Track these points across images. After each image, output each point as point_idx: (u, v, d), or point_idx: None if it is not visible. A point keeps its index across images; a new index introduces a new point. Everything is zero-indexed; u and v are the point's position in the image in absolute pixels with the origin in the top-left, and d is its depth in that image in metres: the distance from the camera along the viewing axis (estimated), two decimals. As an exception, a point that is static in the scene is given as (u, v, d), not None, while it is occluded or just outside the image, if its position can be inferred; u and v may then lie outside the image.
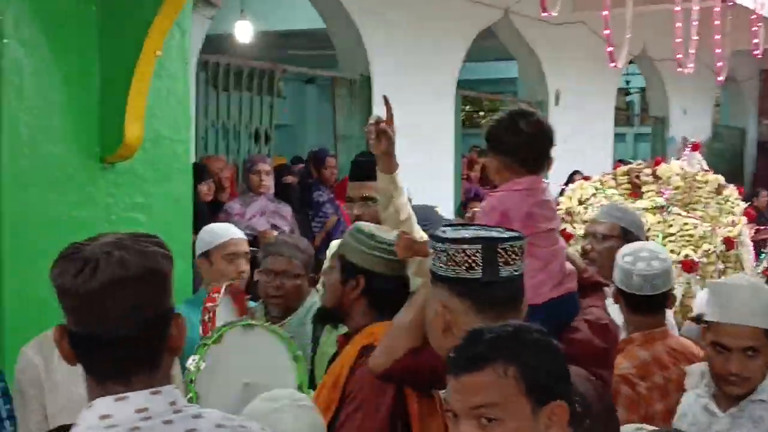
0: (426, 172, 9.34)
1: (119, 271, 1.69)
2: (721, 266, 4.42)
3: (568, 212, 4.87)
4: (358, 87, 9.37)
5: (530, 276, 2.35)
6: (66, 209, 4.22)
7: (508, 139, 2.70)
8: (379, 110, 9.74)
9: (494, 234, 2.23)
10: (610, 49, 8.52)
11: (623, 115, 19.71)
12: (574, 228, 4.74)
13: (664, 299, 3.46)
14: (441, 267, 2.20)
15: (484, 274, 2.15)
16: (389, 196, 3.33)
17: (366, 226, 3.06)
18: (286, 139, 16.01)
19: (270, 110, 8.51)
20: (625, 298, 3.44)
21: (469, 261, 2.15)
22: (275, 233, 6.67)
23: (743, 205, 4.85)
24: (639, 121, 21.42)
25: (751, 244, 4.75)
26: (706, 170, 4.92)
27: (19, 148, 4.04)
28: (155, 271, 1.73)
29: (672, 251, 4.38)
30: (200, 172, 6.69)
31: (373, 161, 3.79)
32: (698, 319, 3.52)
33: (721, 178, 4.96)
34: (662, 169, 5.02)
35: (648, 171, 5.03)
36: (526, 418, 1.78)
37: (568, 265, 2.69)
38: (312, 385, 3.20)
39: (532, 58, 12.17)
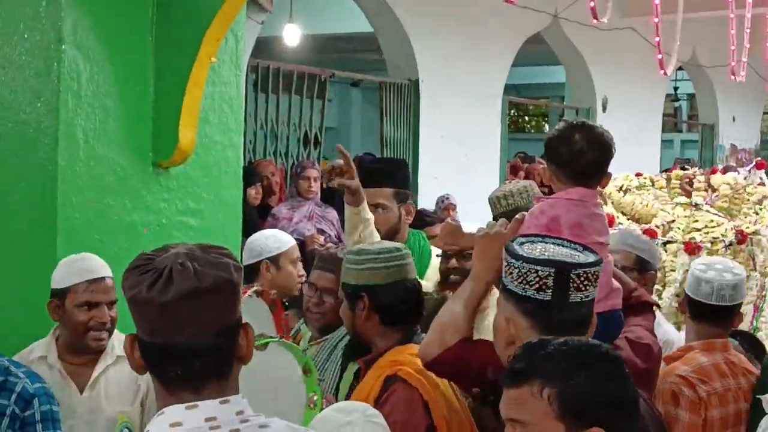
0: (472, 176, 9.34)
1: (194, 282, 1.71)
2: (729, 257, 4.35)
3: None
4: (406, 91, 9.38)
5: None
6: (119, 213, 4.27)
7: (561, 149, 2.69)
8: (426, 115, 9.79)
9: (571, 256, 2.22)
10: (659, 56, 8.45)
11: (671, 121, 19.53)
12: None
13: (731, 313, 3.44)
14: (512, 282, 2.19)
15: (554, 298, 2.14)
16: (354, 227, 3.50)
17: (353, 247, 3.12)
18: (332, 142, 16.05)
19: (319, 114, 8.54)
20: (691, 305, 3.43)
21: (540, 282, 2.14)
22: (322, 238, 6.69)
23: None
24: (687, 128, 21.22)
25: None
26: (762, 184, 4.87)
27: (76, 151, 4.09)
28: (228, 282, 1.75)
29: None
30: (249, 175, 6.71)
31: (382, 168, 3.82)
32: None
33: (766, 193, 4.90)
34: (715, 178, 5.01)
35: (702, 178, 5.02)
36: None
37: (615, 282, 2.67)
38: None
39: (580, 64, 12.12)
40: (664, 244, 4.49)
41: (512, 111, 23.98)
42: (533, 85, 20.54)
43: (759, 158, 5.00)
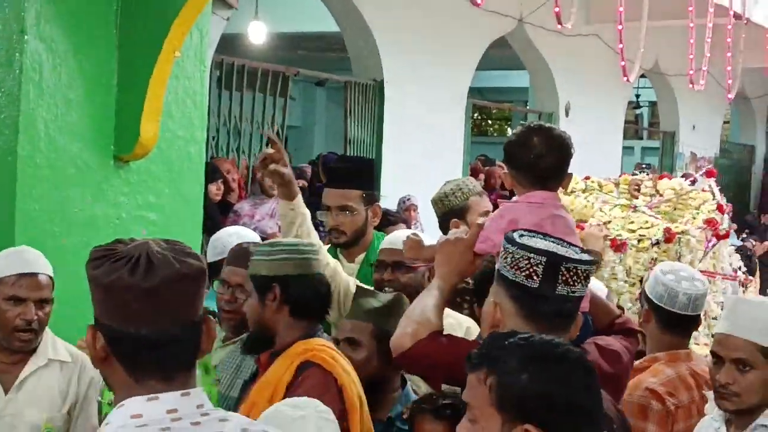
0: (435, 177, 9.33)
1: (177, 268, 1.71)
2: (654, 254, 4.38)
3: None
4: (371, 91, 9.39)
5: None
6: (79, 206, 4.24)
7: (520, 154, 2.71)
8: (391, 115, 9.80)
9: (566, 252, 2.27)
10: (623, 63, 8.54)
11: (632, 128, 19.72)
12: None
13: (697, 320, 3.48)
14: (504, 267, 2.26)
15: (540, 286, 2.20)
16: (291, 222, 3.44)
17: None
18: (295, 141, 16.04)
19: (282, 112, 8.53)
20: (660, 315, 3.43)
21: (531, 269, 2.21)
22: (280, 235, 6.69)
23: (712, 210, 4.79)
24: (648, 135, 21.44)
25: (707, 245, 4.64)
26: (719, 202, 4.86)
27: (36, 142, 4.06)
28: (203, 272, 1.76)
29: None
30: (211, 172, 6.70)
31: (350, 167, 3.76)
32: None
33: (710, 197, 4.88)
34: (662, 183, 5.04)
35: (650, 183, 5.06)
36: (495, 431, 1.76)
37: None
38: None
39: (544, 69, 12.20)
40: None
41: (476, 114, 24.07)
42: (497, 89, 20.63)
43: (710, 166, 5.04)
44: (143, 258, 1.71)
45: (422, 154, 9.84)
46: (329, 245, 3.79)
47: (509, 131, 25.51)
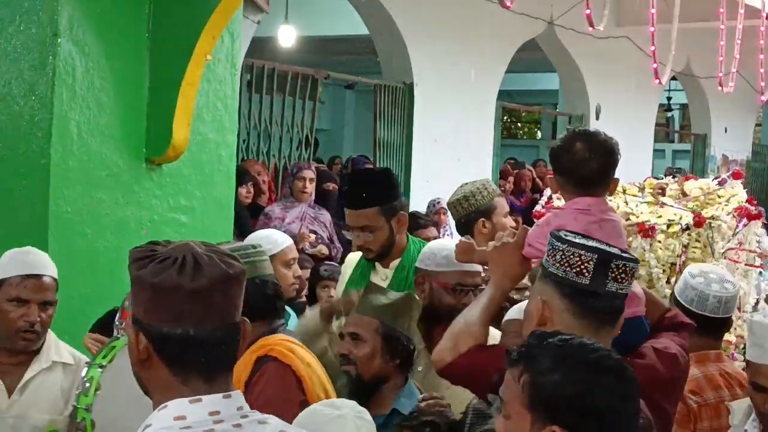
0: (464, 179, 9.32)
1: (224, 269, 1.73)
2: (685, 240, 4.29)
3: None
4: (400, 95, 9.39)
5: None
6: (111, 208, 4.27)
7: (563, 159, 2.72)
8: (420, 118, 9.78)
9: (613, 249, 2.30)
10: (655, 65, 8.48)
11: (663, 131, 19.58)
12: None
13: (728, 323, 3.46)
14: (553, 264, 2.27)
15: (591, 282, 2.22)
16: None
17: None
18: (325, 143, 16.05)
19: (311, 115, 8.54)
20: (696, 320, 3.41)
21: (582, 266, 2.22)
22: (313, 237, 6.70)
23: (742, 201, 4.68)
24: (679, 138, 21.29)
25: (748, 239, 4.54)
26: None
27: (69, 145, 4.10)
28: (244, 273, 1.78)
29: None
30: (241, 174, 6.73)
31: (362, 186, 3.71)
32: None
33: (737, 193, 4.78)
34: (688, 184, 4.95)
35: (675, 186, 4.97)
36: (524, 430, 1.78)
37: (636, 288, 2.68)
38: None
39: (574, 71, 12.14)
40: None
41: (505, 117, 24.01)
42: (527, 92, 20.56)
43: (740, 168, 4.91)
44: (189, 258, 1.72)
45: (451, 157, 9.83)
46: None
47: (539, 134, 25.42)
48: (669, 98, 18.62)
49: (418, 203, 8.61)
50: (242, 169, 7.05)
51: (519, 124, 27.36)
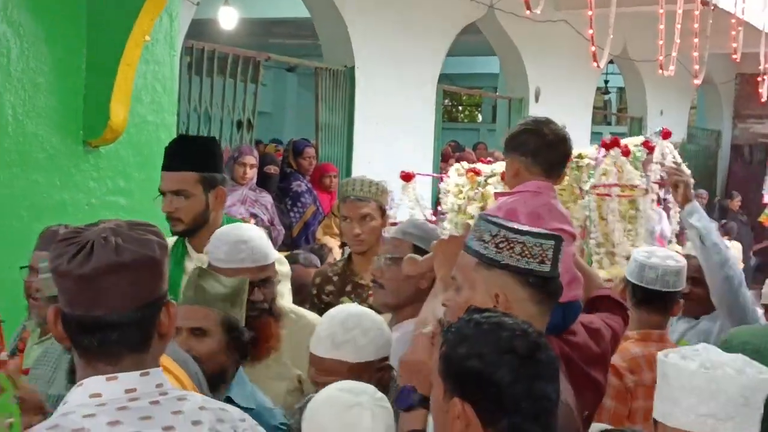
0: (406, 162, 9.34)
1: (113, 256, 1.74)
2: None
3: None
4: (342, 77, 9.36)
5: None
6: (48, 191, 4.20)
7: (531, 140, 2.79)
8: (361, 101, 9.72)
9: (556, 233, 2.36)
10: (593, 49, 8.54)
11: (601, 114, 19.80)
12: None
13: (672, 300, 3.50)
14: (512, 257, 2.26)
15: (551, 268, 2.27)
16: None
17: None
18: (266, 126, 15.96)
19: (253, 98, 8.47)
20: (635, 290, 3.48)
21: (543, 255, 2.26)
22: (252, 221, 6.65)
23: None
24: (616, 120, 21.54)
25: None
26: (677, 162, 4.78)
27: (4, 127, 4.01)
28: (150, 259, 1.78)
29: None
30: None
31: (185, 148, 3.43)
32: None
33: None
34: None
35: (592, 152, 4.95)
36: (439, 400, 1.89)
37: (577, 272, 2.72)
38: None
39: (513, 55, 12.20)
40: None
41: (446, 100, 24.07)
42: (467, 75, 20.64)
43: (663, 127, 4.89)
44: (88, 245, 1.74)
45: (393, 140, 9.83)
46: (175, 236, 3.51)
47: (479, 117, 25.56)
48: (606, 81, 18.82)
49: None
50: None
51: (460, 108, 27.46)
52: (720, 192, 18.65)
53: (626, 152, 4.25)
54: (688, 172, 4.17)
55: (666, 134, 4.65)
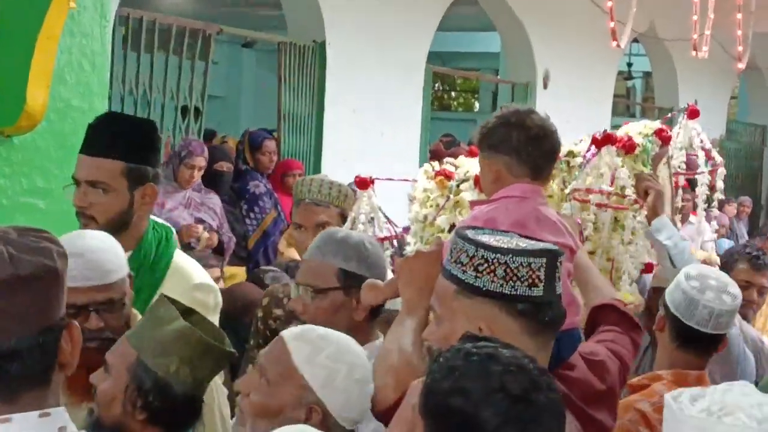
0: (387, 159, 9.37)
1: (9, 269, 1.71)
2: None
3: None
4: (310, 55, 9.37)
5: None
6: (-51, 190, 4.19)
7: (513, 135, 2.79)
8: (334, 85, 9.73)
9: (533, 244, 2.31)
10: (612, 24, 8.60)
11: (623, 103, 19.91)
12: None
13: (717, 342, 3.50)
14: (493, 281, 2.24)
15: (546, 291, 2.23)
16: None
17: None
18: (218, 114, 15.96)
19: (202, 79, 8.47)
20: (679, 330, 3.45)
21: (533, 276, 2.22)
22: (200, 228, 6.64)
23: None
24: (641, 112, 21.66)
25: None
26: (704, 147, 4.61)
27: None
28: (51, 270, 1.76)
29: None
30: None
31: (112, 129, 3.34)
32: None
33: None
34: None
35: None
36: None
37: (577, 295, 2.73)
38: None
39: (518, 31, 12.24)
40: None
41: (437, 84, 24.15)
42: (462, 54, 20.73)
43: (690, 104, 4.68)
44: None
45: (372, 132, 9.84)
46: None
47: (476, 105, 25.64)
48: (630, 65, 18.95)
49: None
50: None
51: (453, 94, 27.57)
52: (766, 198, 18.75)
53: (629, 148, 4.01)
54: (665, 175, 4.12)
55: (693, 112, 4.41)
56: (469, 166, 4.09)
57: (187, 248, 5.82)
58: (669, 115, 4.70)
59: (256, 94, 18.29)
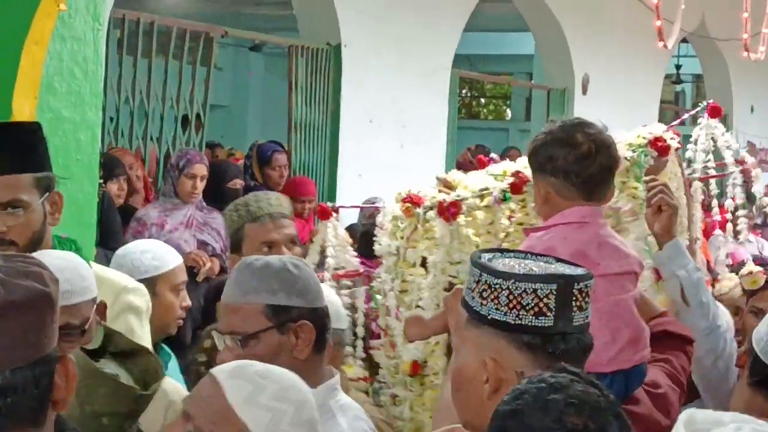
0: (410, 173, 9.37)
1: (1, 294, 1.69)
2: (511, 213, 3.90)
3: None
4: (324, 59, 9.39)
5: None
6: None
7: (560, 154, 2.80)
8: (350, 92, 9.73)
9: (553, 268, 2.29)
10: (659, 23, 8.60)
11: (671, 110, 19.87)
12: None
13: None
14: (496, 309, 2.23)
15: (557, 321, 2.21)
16: None
17: None
18: (222, 125, 16.01)
19: (204, 86, 8.50)
20: (755, 367, 3.43)
21: (540, 304, 2.20)
22: (206, 257, 6.60)
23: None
24: (691, 119, 21.63)
25: None
26: (728, 147, 4.48)
27: None
28: (45, 296, 1.75)
29: None
30: (110, 166, 6.67)
31: (14, 144, 3.29)
32: None
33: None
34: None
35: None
36: None
37: (643, 323, 2.75)
38: None
39: (554, 31, 12.24)
40: None
41: (464, 90, 24.15)
42: (492, 57, 20.74)
43: (711, 101, 4.45)
44: None
45: (392, 143, 9.85)
46: None
47: (508, 113, 25.63)
48: (678, 67, 18.89)
49: (347, 203, 8.61)
50: (111, 159, 7.00)
51: (482, 100, 27.57)
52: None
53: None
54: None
55: (714, 110, 4.24)
56: (470, 181, 3.97)
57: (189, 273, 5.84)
58: (685, 115, 4.54)
59: (264, 103, 18.33)
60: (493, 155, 12.02)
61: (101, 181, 5.56)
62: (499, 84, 21.44)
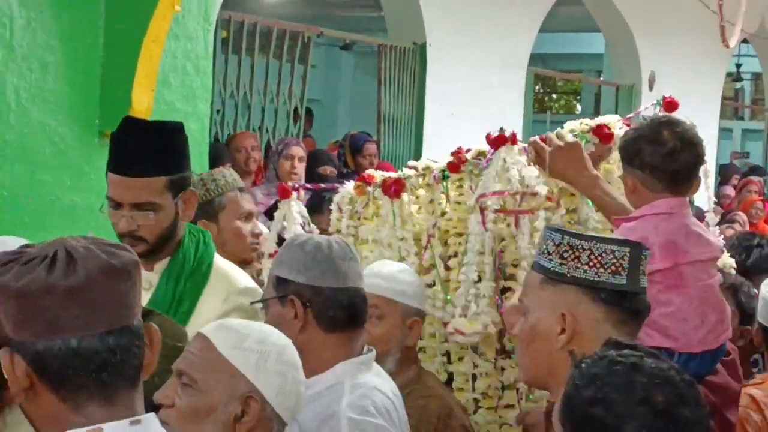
0: (487, 165, 9.35)
1: (105, 259, 1.70)
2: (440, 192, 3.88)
3: None
4: (410, 57, 9.38)
5: (680, 317, 2.44)
6: (55, 192, 4.28)
7: (646, 150, 2.84)
8: (434, 87, 9.70)
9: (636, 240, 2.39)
10: (721, 24, 8.48)
11: (731, 106, 19.58)
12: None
13: None
14: (576, 267, 2.31)
15: (629, 281, 2.29)
16: None
17: None
18: (315, 117, 16.06)
19: (301, 82, 8.53)
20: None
21: (617, 264, 2.29)
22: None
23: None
24: (750, 114, 21.30)
25: None
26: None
27: (5, 116, 4.09)
28: (137, 264, 1.75)
29: None
30: (218, 153, 6.73)
31: (146, 142, 3.15)
32: None
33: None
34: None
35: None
36: None
37: (727, 308, 2.77)
38: None
39: (622, 31, 12.13)
40: None
41: (538, 86, 24.00)
42: (564, 56, 20.56)
43: (666, 97, 3.99)
44: (61, 254, 1.69)
45: (472, 135, 9.81)
46: None
47: (578, 108, 25.43)
48: (738, 66, 18.61)
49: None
50: (219, 147, 7.06)
51: (554, 96, 27.38)
52: None
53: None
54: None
55: (670, 105, 3.78)
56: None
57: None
58: (641, 108, 4.22)
59: (353, 98, 18.33)
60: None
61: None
62: (570, 81, 21.30)
